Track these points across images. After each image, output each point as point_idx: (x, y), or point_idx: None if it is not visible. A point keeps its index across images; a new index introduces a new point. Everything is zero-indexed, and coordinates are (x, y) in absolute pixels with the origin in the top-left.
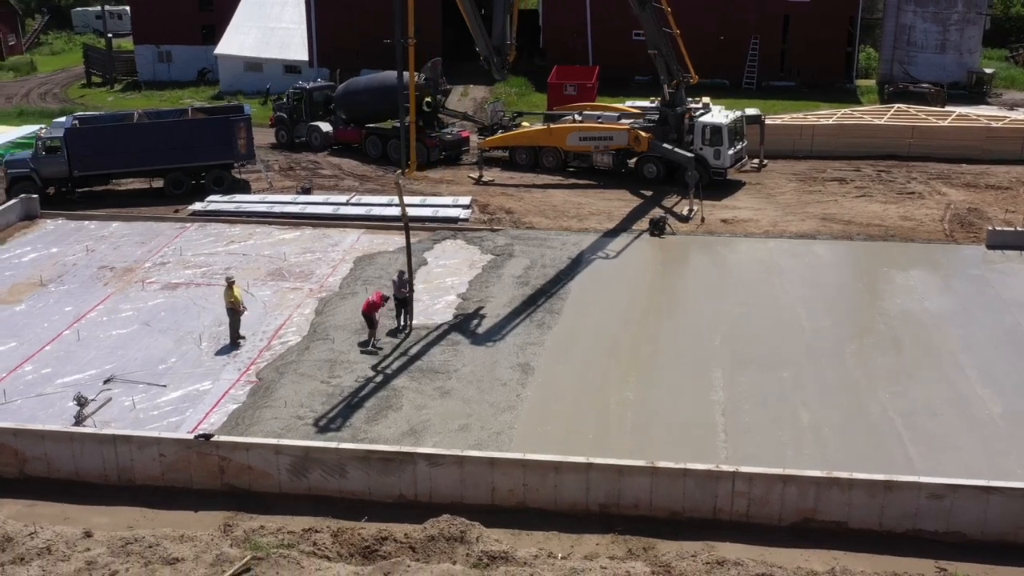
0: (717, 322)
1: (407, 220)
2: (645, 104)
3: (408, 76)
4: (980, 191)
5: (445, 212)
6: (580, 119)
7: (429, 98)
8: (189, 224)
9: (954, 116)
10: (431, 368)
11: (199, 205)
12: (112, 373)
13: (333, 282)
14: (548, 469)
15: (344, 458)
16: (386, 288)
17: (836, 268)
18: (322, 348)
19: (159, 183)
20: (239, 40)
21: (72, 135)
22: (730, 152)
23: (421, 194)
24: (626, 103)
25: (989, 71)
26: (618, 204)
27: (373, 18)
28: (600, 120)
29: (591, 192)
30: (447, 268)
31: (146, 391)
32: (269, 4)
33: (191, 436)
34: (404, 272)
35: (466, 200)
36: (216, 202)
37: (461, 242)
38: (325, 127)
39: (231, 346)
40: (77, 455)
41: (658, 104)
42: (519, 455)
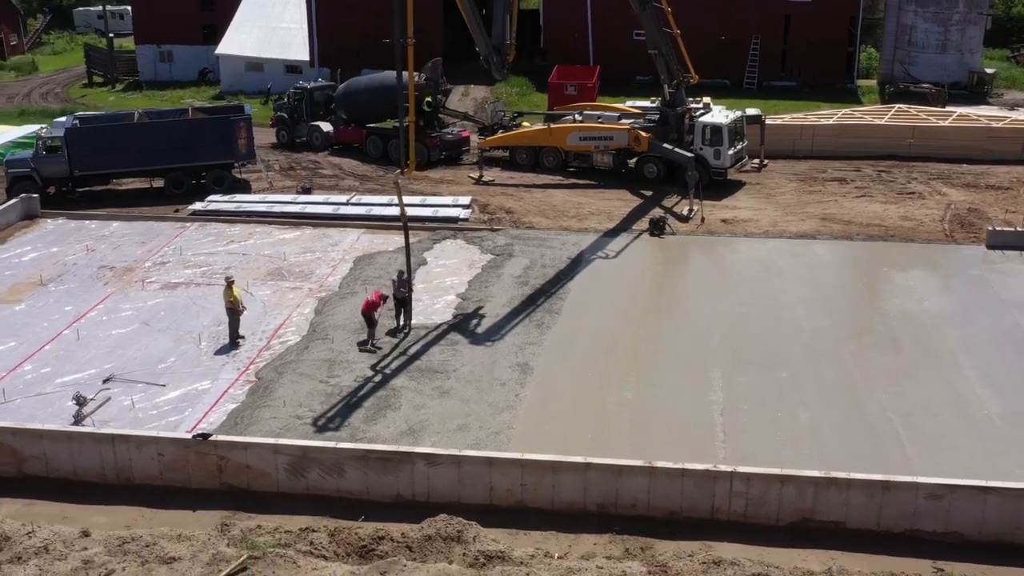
0: (716, 322)
1: (406, 220)
2: (646, 104)
3: (408, 76)
4: (980, 191)
5: (445, 212)
6: (580, 119)
7: (429, 98)
8: (189, 224)
9: (955, 116)
10: (430, 368)
11: (199, 205)
12: (111, 372)
13: (333, 282)
14: (546, 469)
15: (342, 458)
16: (385, 288)
17: (836, 268)
18: (321, 348)
19: (159, 183)
20: (240, 40)
21: (72, 135)
22: (730, 152)
23: (421, 194)
24: (627, 103)
25: (990, 71)
26: (618, 204)
27: (374, 18)
28: (600, 120)
29: (591, 192)
30: (447, 268)
31: (145, 390)
32: (270, 4)
33: (189, 436)
34: (404, 272)
35: (466, 200)
36: (216, 202)
37: (461, 242)
38: (326, 127)
39: (230, 346)
40: (75, 454)
41: (658, 104)
42: (517, 455)
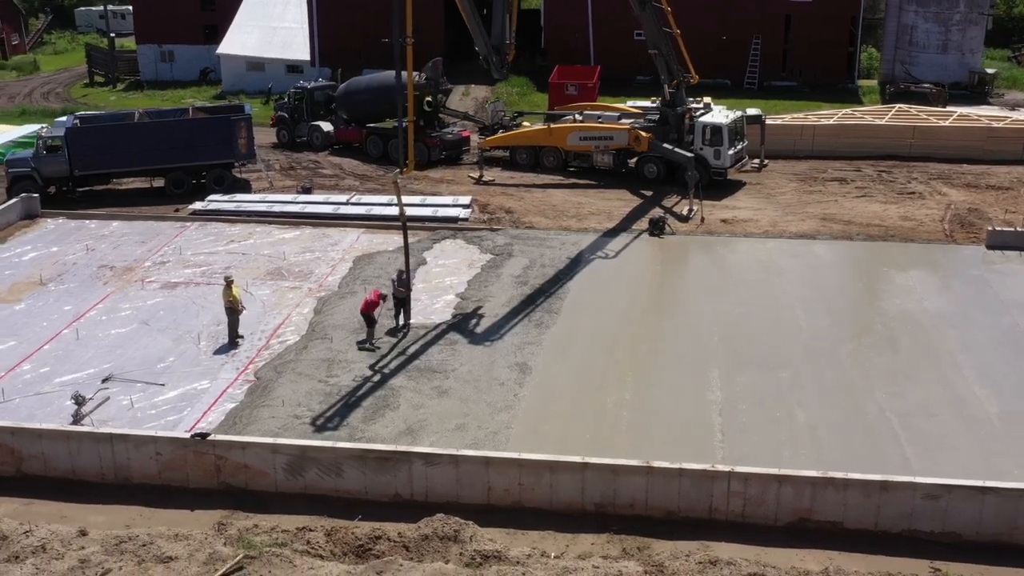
0: (715, 322)
1: (405, 219)
2: (646, 104)
3: (407, 75)
4: (981, 191)
5: (445, 212)
6: (580, 119)
7: (430, 98)
8: (189, 223)
9: (955, 116)
10: (429, 367)
11: (199, 204)
12: (110, 372)
13: (332, 281)
14: (544, 469)
15: (340, 457)
16: (385, 287)
17: (835, 268)
18: (320, 347)
19: (160, 182)
20: (241, 40)
21: (73, 134)
22: (730, 152)
23: (421, 193)
24: (627, 103)
25: (991, 71)
26: (618, 204)
27: (374, 18)
28: (600, 120)
29: (591, 192)
30: (446, 267)
31: (144, 390)
32: (271, 4)
33: (188, 435)
34: (403, 272)
35: (466, 200)
36: (216, 201)
37: (460, 242)
38: (326, 127)
39: (229, 345)
40: (74, 454)
41: (658, 104)
42: (515, 455)
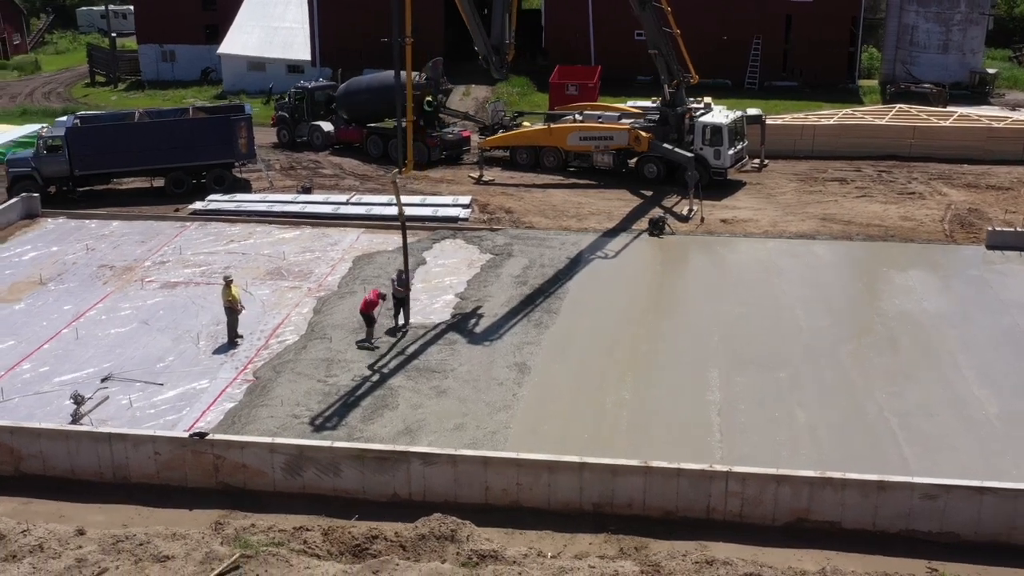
0: (715, 322)
1: (404, 219)
2: (647, 104)
3: (406, 75)
4: (981, 191)
5: (445, 211)
6: (581, 119)
7: (430, 97)
8: (189, 223)
9: (956, 116)
10: (428, 367)
11: (199, 204)
12: (110, 371)
13: (332, 281)
14: (542, 468)
15: (338, 457)
16: (384, 287)
17: (835, 268)
18: (319, 347)
19: (160, 182)
20: (242, 40)
21: (73, 134)
22: (730, 152)
23: (421, 193)
24: (628, 103)
25: (992, 71)
26: (618, 204)
27: (375, 18)
28: (600, 120)
29: (591, 192)
30: (446, 267)
31: (143, 389)
32: (272, 4)
33: (186, 435)
34: (403, 271)
35: (466, 200)
36: (216, 201)
37: (460, 241)
38: (326, 126)
39: (229, 345)
40: (73, 453)
41: (659, 104)
42: (513, 454)
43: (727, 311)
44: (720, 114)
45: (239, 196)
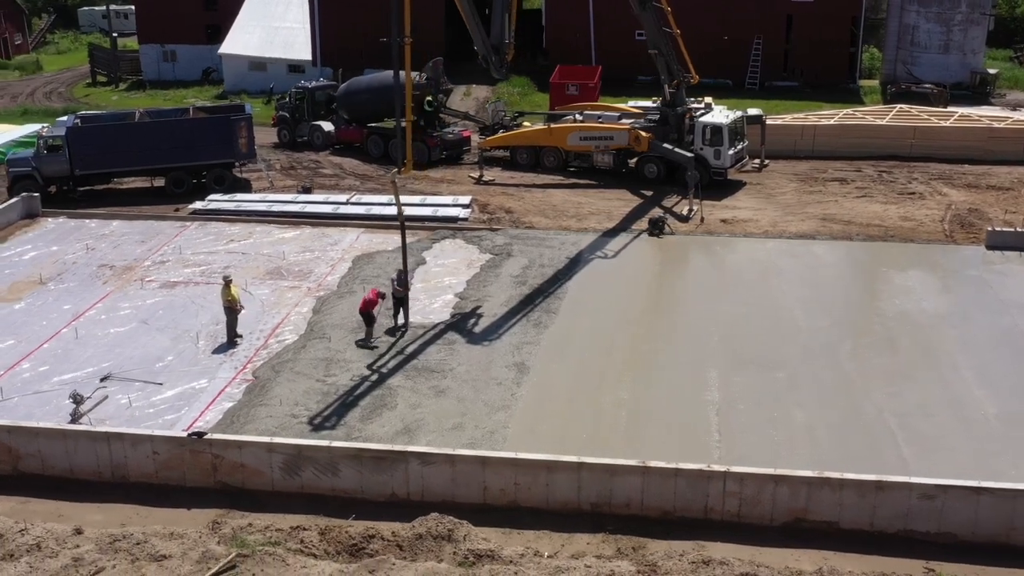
0: (714, 322)
1: (403, 219)
2: (647, 104)
3: (405, 75)
4: (981, 192)
5: (445, 211)
6: (581, 119)
7: (430, 97)
8: (189, 223)
9: (956, 117)
10: (426, 367)
11: (199, 204)
12: (109, 371)
13: (331, 281)
14: (540, 468)
15: (336, 456)
16: (383, 286)
17: (835, 268)
18: (318, 347)
19: (160, 182)
20: (243, 40)
21: (74, 134)
22: (730, 152)
23: (421, 193)
24: (628, 103)
25: (993, 72)
26: (618, 204)
27: (376, 18)
28: (600, 120)
29: (591, 192)
30: (445, 267)
31: (142, 389)
32: (273, 4)
33: (184, 434)
34: (403, 271)
35: (466, 199)
36: (216, 201)
37: (460, 241)
38: (327, 126)
39: (228, 344)
40: (71, 452)
41: (659, 104)
42: (511, 454)
43: (726, 311)
44: (720, 114)
45: (239, 196)
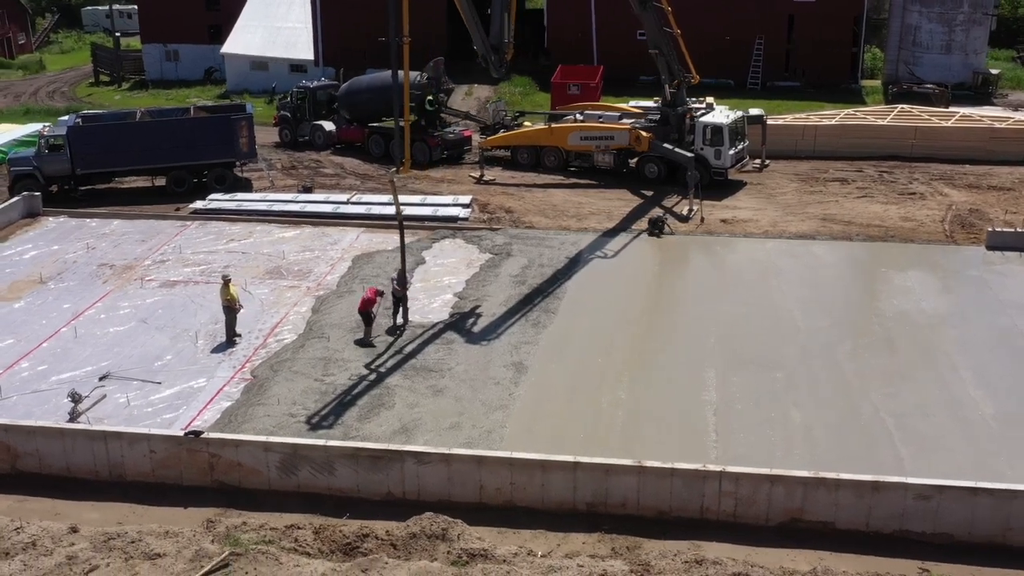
0: (713, 322)
1: (401, 218)
2: (648, 104)
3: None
4: (982, 192)
5: (445, 211)
6: (582, 119)
7: (431, 97)
8: (190, 222)
9: (958, 117)
10: (425, 367)
11: (200, 203)
12: (108, 370)
13: (331, 280)
14: (535, 468)
15: (333, 456)
16: (383, 286)
17: (835, 269)
18: (317, 346)
19: (161, 181)
20: (246, 39)
21: (75, 133)
22: (731, 152)
23: (422, 193)
24: (629, 103)
25: (995, 72)
26: (618, 204)
27: (378, 18)
28: (601, 120)
29: (592, 192)
30: (445, 267)
31: (141, 388)
32: (275, 3)
33: (181, 433)
34: (402, 270)
35: (466, 199)
36: (217, 200)
37: (460, 241)
38: (328, 126)
39: (227, 344)
40: (68, 451)
41: (659, 104)
42: (506, 453)
43: (726, 311)
44: (721, 114)
45: (240, 195)
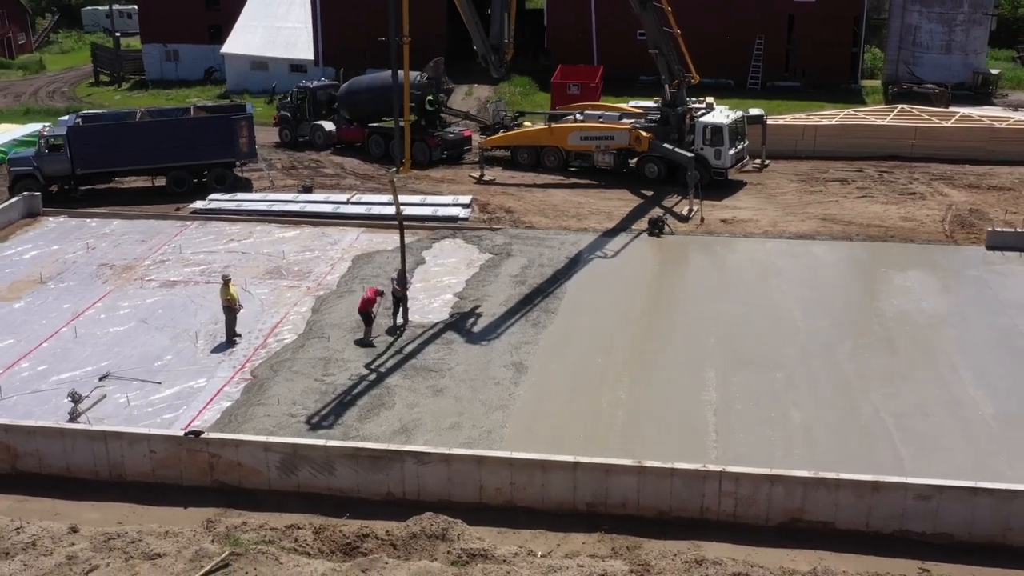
0: (713, 322)
1: (401, 218)
2: (649, 104)
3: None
4: (982, 192)
5: (445, 211)
6: (582, 119)
7: (431, 97)
8: (190, 222)
9: (958, 117)
10: (425, 366)
11: (200, 203)
12: (108, 370)
13: (331, 280)
14: (535, 468)
15: (332, 456)
16: (383, 286)
17: (835, 269)
18: (317, 346)
19: (161, 181)
20: (246, 39)
21: (75, 133)
22: (731, 152)
23: (422, 193)
24: (629, 103)
25: (995, 72)
26: (618, 204)
27: (378, 18)
28: (601, 120)
29: (592, 192)
30: (445, 267)
31: (141, 388)
32: (275, 3)
33: (181, 433)
34: (402, 270)
35: (466, 199)
36: (217, 200)
37: (460, 241)
38: (328, 126)
39: (227, 344)
40: (68, 451)
41: (659, 104)
42: (506, 454)
43: (726, 311)
44: (721, 114)
45: (240, 195)
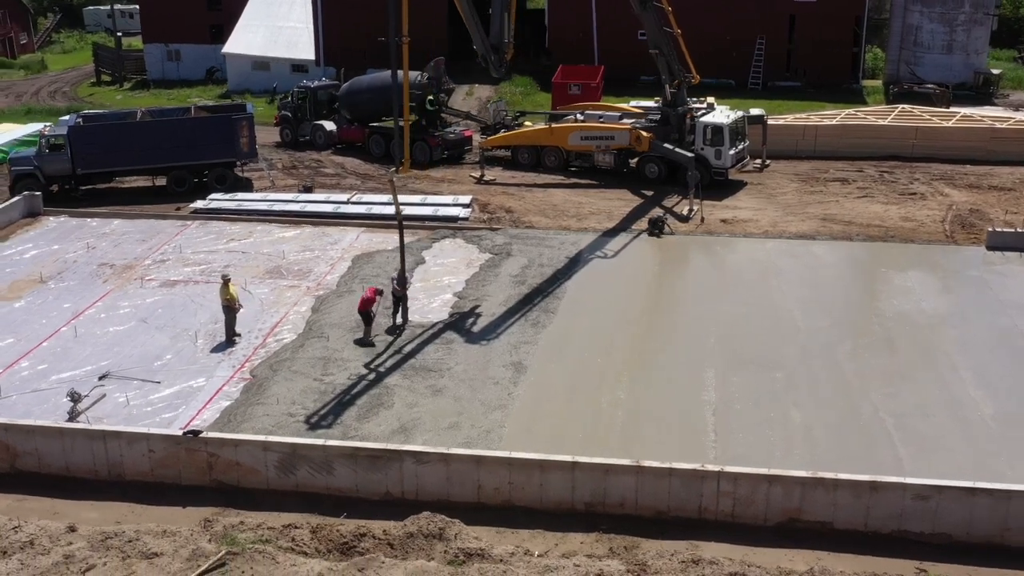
0: (713, 322)
1: (401, 218)
2: (649, 104)
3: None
4: (983, 192)
5: (445, 211)
6: (582, 119)
7: (432, 97)
8: (190, 222)
9: (958, 117)
10: (424, 366)
11: (200, 203)
12: (108, 369)
13: (331, 280)
14: (534, 467)
15: (331, 455)
16: (382, 285)
17: (835, 269)
18: (316, 346)
19: (162, 181)
20: (247, 39)
21: (76, 133)
22: (731, 152)
23: (422, 193)
24: (630, 103)
25: (996, 72)
26: (619, 204)
27: (379, 18)
28: (602, 120)
29: (592, 192)
30: (444, 267)
31: (140, 387)
32: (277, 3)
33: (180, 432)
34: (401, 270)
35: (466, 199)
36: (217, 200)
37: (460, 241)
38: (329, 126)
39: (227, 343)
40: (67, 450)
41: (660, 104)
42: (505, 453)
43: (726, 311)
44: (721, 114)
45: (240, 195)
